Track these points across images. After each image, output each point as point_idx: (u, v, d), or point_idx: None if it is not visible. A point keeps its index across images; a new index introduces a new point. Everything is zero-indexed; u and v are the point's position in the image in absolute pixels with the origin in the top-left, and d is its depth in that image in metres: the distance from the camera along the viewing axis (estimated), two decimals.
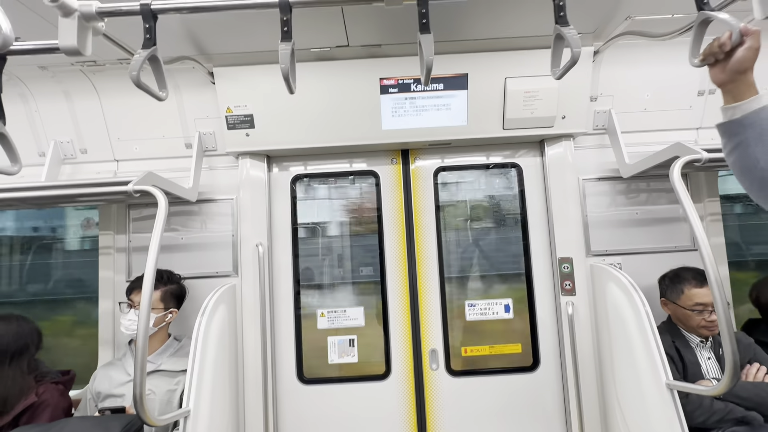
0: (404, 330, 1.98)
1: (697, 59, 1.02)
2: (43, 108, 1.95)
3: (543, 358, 1.96)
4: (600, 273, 1.86)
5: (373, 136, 1.92)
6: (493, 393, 1.95)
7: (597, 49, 1.84)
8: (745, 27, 0.91)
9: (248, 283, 1.92)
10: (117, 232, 2.04)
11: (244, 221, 1.97)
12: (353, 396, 1.96)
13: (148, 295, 1.26)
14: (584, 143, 2.04)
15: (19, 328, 1.55)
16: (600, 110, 1.99)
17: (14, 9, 1.14)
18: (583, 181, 2.01)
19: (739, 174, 0.94)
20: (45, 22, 1.36)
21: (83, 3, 1.01)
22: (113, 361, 1.80)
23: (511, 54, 1.82)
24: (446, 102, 1.88)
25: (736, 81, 0.94)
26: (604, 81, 1.95)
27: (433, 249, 2.02)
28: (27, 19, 1.35)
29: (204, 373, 1.55)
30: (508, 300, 2.01)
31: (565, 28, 1.02)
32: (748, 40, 0.91)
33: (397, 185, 2.08)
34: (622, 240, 1.99)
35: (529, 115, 1.87)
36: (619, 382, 1.71)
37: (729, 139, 0.95)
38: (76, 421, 1.26)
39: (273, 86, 1.81)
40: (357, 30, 1.65)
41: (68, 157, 2.03)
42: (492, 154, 2.11)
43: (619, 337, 1.70)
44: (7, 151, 1.07)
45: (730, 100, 0.95)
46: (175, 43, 1.63)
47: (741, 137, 0.92)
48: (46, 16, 1.35)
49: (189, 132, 2.01)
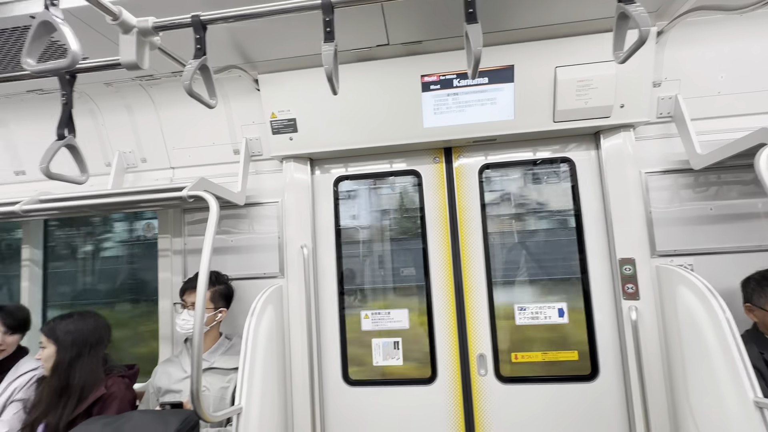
0: (450, 333, 1.92)
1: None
2: (108, 122, 2.11)
3: (603, 366, 1.82)
4: (668, 275, 1.69)
5: (414, 134, 1.88)
6: (547, 402, 1.84)
7: (661, 29, 1.67)
8: None
9: (294, 284, 1.95)
10: (173, 235, 2.16)
11: (289, 223, 2.01)
12: (399, 399, 1.93)
13: (203, 296, 1.30)
14: (646, 133, 1.87)
15: (95, 323, 1.69)
16: (665, 96, 1.81)
17: (80, 29, 1.23)
18: (646, 175, 1.84)
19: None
20: (107, 41, 1.46)
21: (140, 19, 1.07)
22: (171, 358, 1.90)
23: (561, 41, 1.71)
24: (491, 96, 1.80)
25: None
26: (670, 64, 1.77)
27: (479, 249, 1.95)
28: (91, 39, 1.46)
29: (255, 372, 1.59)
30: (562, 304, 1.88)
31: (630, 6, 0.93)
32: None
33: (440, 184, 2.03)
34: (694, 239, 1.80)
35: (582, 106, 1.75)
36: (695, 397, 1.53)
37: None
38: (140, 414, 1.34)
39: (315, 90, 1.83)
40: (397, 28, 1.62)
41: (130, 166, 2.18)
42: (541, 149, 1.99)
43: (693, 347, 1.53)
44: (77, 162, 1.16)
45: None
46: (223, 53, 1.70)
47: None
48: (108, 35, 1.45)
49: (236, 138, 2.08)
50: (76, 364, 1.59)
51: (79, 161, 1.16)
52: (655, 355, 1.70)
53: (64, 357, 1.60)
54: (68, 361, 1.59)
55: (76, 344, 1.61)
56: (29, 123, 2.15)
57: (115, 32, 1.09)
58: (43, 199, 1.67)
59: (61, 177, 1.12)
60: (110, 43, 1.46)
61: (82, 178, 1.17)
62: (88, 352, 1.63)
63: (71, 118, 1.11)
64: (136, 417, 1.29)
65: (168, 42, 1.25)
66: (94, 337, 1.66)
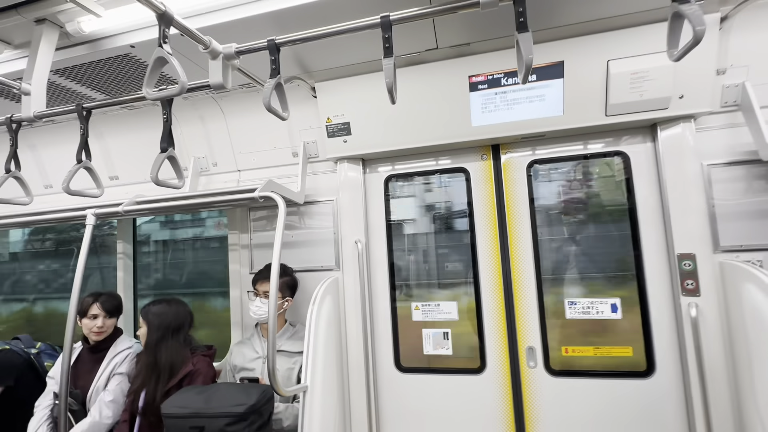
0: (499, 325, 1.98)
1: None
2: (185, 131, 2.38)
3: (659, 363, 1.79)
4: (733, 271, 1.62)
5: (462, 133, 1.95)
6: (599, 397, 1.84)
7: (725, 14, 1.60)
8: None
9: (349, 276, 2.10)
10: (241, 231, 2.39)
11: (344, 220, 2.16)
12: (448, 387, 2.02)
13: (275, 285, 1.48)
14: (709, 123, 1.79)
15: (178, 309, 1.94)
16: (730, 84, 1.72)
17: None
18: (708, 167, 1.76)
19: None
20: (192, 64, 1.68)
21: (226, 45, 1.24)
22: (243, 340, 2.13)
23: (612, 34, 1.68)
24: (540, 93, 1.82)
25: None
26: (735, 50, 1.69)
27: (528, 244, 1.98)
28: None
29: (317, 355, 1.75)
30: (615, 299, 1.87)
31: (685, 6, 0.94)
32: None
33: (488, 180, 2.08)
34: (763, 233, 1.71)
35: (638, 98, 1.72)
36: (763, 398, 1.48)
37: None
38: (226, 386, 1.55)
39: (367, 94, 1.95)
40: (446, 32, 1.69)
41: (203, 169, 2.44)
42: (592, 143, 1.97)
43: (761, 345, 1.48)
44: (175, 170, 1.37)
45: None
46: (284, 65, 1.86)
47: None
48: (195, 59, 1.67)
49: (295, 142, 2.26)
50: (161, 344, 1.85)
51: (176, 169, 1.37)
52: (717, 354, 1.65)
53: (152, 337, 1.86)
54: (155, 341, 1.85)
55: (161, 327, 1.87)
56: (120, 135, 2.48)
57: (200, 57, 1.27)
58: (140, 200, 1.95)
59: (165, 183, 1.33)
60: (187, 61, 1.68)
61: (179, 183, 1.38)
62: (171, 335, 1.88)
63: (171, 134, 1.31)
64: (223, 388, 1.51)
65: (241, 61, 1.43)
66: (177, 322, 1.91)
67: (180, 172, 1.38)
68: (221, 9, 1.48)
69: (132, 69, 1.81)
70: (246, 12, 1.47)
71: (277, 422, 1.75)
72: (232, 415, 1.37)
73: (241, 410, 1.37)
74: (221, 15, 1.49)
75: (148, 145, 2.41)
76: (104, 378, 1.93)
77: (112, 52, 1.66)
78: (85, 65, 1.76)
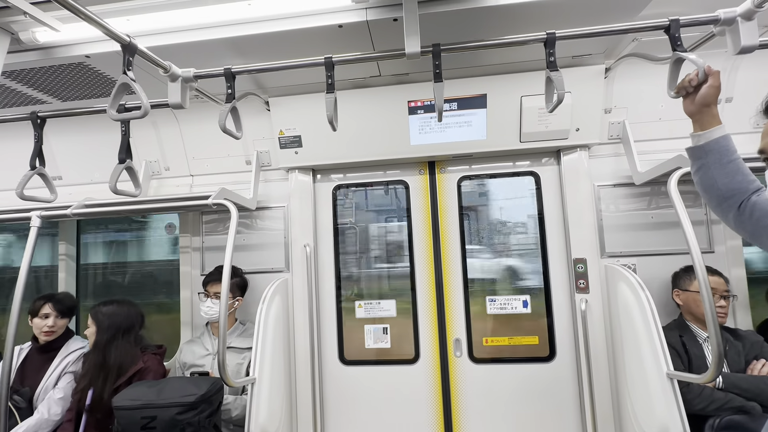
0: (431, 321, 2.25)
1: (673, 91, 1.20)
2: (137, 135, 2.39)
3: (559, 349, 2.15)
4: (613, 273, 2.02)
5: (403, 150, 2.20)
6: (512, 380, 2.17)
7: (609, 66, 1.99)
8: (708, 67, 1.10)
9: (298, 278, 2.27)
10: (193, 234, 2.47)
11: (294, 225, 2.33)
12: (387, 377, 2.26)
13: (227, 286, 1.62)
14: (600, 152, 2.19)
15: (129, 310, 2.01)
16: (614, 121, 2.13)
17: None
18: (598, 188, 2.16)
19: (701, 191, 1.12)
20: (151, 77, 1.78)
21: (185, 70, 1.38)
22: (194, 339, 2.23)
23: (525, 75, 2.02)
24: (467, 119, 2.12)
25: (702, 112, 1.12)
26: (618, 94, 2.10)
27: (457, 249, 2.27)
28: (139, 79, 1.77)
29: (265, 350, 1.91)
30: (526, 296, 2.22)
31: (554, 73, 1.24)
32: (710, 79, 1.09)
33: (425, 193, 2.35)
34: (637, 242, 2.13)
35: (544, 129, 2.07)
36: (628, 372, 1.87)
37: (694, 161, 1.13)
38: (176, 379, 1.67)
39: (317, 111, 2.13)
40: (387, 63, 1.94)
41: (155, 173, 2.49)
42: (511, 164, 2.32)
43: (627, 331, 1.86)
44: (132, 180, 1.48)
45: (698, 128, 1.13)
46: (241, 83, 2.00)
47: (703, 161, 1.10)
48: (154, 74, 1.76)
49: (248, 151, 2.40)
50: (111, 345, 1.91)
51: (134, 179, 1.47)
52: (600, 340, 2.03)
53: (101, 337, 1.92)
54: (104, 341, 1.91)
55: (111, 327, 1.93)
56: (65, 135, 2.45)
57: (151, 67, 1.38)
58: (89, 204, 1.99)
59: (123, 192, 1.42)
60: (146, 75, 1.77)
61: (136, 191, 1.49)
62: (122, 336, 1.94)
63: (129, 147, 1.42)
64: (174, 381, 1.62)
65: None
66: (128, 323, 1.98)
67: (137, 182, 1.48)
68: (180, 30, 1.61)
69: (86, 76, 1.86)
70: (205, 36, 1.61)
71: (226, 412, 1.88)
72: (183, 404, 1.50)
73: (191, 399, 1.51)
74: (180, 36, 1.62)
75: (95, 146, 2.43)
76: (54, 376, 1.95)
77: (66, 60, 1.71)
78: (35, 70, 1.79)
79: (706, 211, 2.10)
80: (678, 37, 1.21)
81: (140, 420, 1.46)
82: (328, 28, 1.56)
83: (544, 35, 1.28)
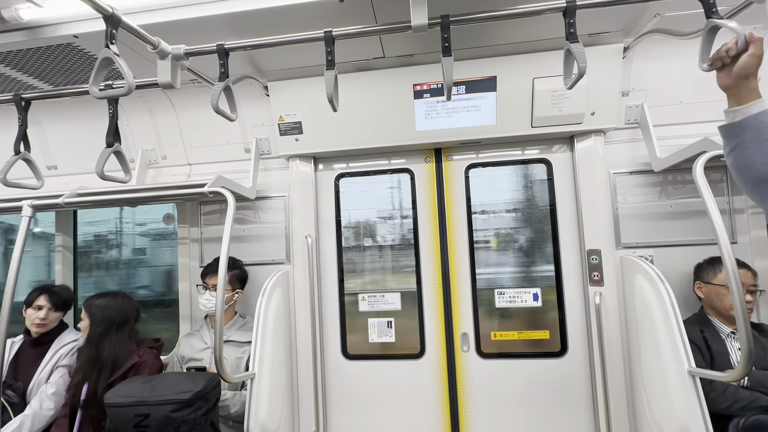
0: (437, 314, 2.17)
1: (706, 63, 1.09)
2: (132, 122, 2.34)
3: (571, 344, 2.06)
4: (629, 265, 1.92)
5: (407, 137, 2.10)
6: (521, 375, 2.09)
7: (627, 45, 1.87)
8: (750, 34, 0.98)
9: (299, 270, 2.19)
10: (191, 225, 2.40)
11: (295, 215, 2.25)
12: (391, 372, 2.18)
13: (223, 279, 1.54)
14: (616, 138, 2.08)
15: (123, 303, 1.94)
16: (632, 105, 2.01)
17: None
18: (614, 175, 2.05)
19: (735, 173, 1.02)
20: (141, 58, 1.69)
21: (175, 47, 1.29)
22: (192, 332, 2.16)
23: (538, 55, 1.91)
24: (476, 103, 2.01)
25: (739, 85, 1.00)
26: (637, 76, 1.97)
27: (464, 240, 2.18)
28: (130, 60, 1.68)
29: (265, 344, 1.84)
30: (536, 289, 2.12)
31: (574, 45, 1.13)
32: (751, 47, 0.98)
33: (431, 181, 2.25)
34: (655, 233, 2.02)
35: (557, 113, 1.95)
36: (645, 369, 1.78)
37: (729, 140, 1.02)
38: (172, 375, 1.60)
39: (319, 96, 2.02)
40: (391, 44, 1.83)
41: (152, 162, 2.41)
42: (521, 151, 2.21)
43: (645, 326, 1.77)
44: (122, 165, 1.39)
45: (734, 103, 1.02)
46: (238, 65, 1.91)
47: (740, 139, 0.99)
48: (144, 54, 1.67)
49: (247, 138, 2.31)
50: (105, 338, 1.84)
51: (123, 164, 1.39)
52: (615, 334, 1.94)
53: (95, 330, 1.85)
54: (98, 334, 1.84)
55: (105, 321, 1.86)
56: (60, 123, 2.38)
57: (140, 46, 1.29)
58: (81, 192, 1.91)
59: (112, 178, 1.35)
60: (137, 56, 1.68)
61: (126, 177, 1.41)
62: (116, 329, 1.88)
63: (117, 129, 1.33)
64: (169, 376, 1.55)
65: (192, 61, 1.47)
66: (122, 316, 1.91)
67: (127, 166, 1.40)
68: (173, 7, 1.51)
69: (75, 58, 1.77)
70: (198, 12, 1.51)
71: (225, 409, 1.82)
72: (178, 401, 1.43)
73: (187, 396, 1.44)
74: (173, 13, 1.52)
75: (90, 135, 2.34)
76: (47, 370, 1.89)
77: (54, 41, 1.63)
78: (22, 51, 1.70)
79: (729, 200, 1.98)
80: (714, 3, 1.09)
81: (133, 418, 1.39)
82: (328, 2, 1.46)
83: (564, 3, 1.17)
